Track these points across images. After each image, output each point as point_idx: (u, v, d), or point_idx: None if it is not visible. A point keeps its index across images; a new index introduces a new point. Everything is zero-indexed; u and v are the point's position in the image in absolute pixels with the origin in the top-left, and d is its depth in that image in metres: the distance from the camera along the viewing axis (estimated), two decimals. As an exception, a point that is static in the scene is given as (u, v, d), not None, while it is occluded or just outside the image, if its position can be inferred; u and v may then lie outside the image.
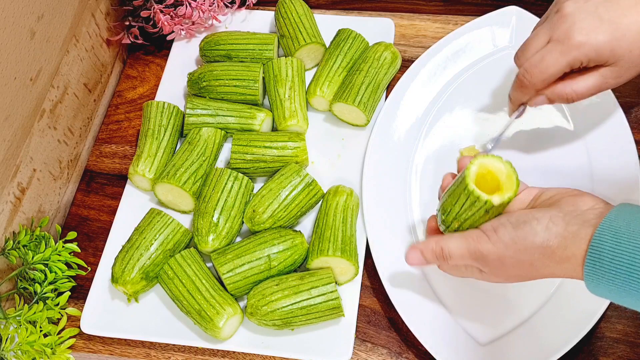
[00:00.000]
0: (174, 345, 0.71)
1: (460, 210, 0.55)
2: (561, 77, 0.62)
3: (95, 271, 0.75)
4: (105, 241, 0.77)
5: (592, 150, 0.75)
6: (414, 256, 0.59)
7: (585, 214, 0.50)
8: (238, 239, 0.75)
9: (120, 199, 0.80)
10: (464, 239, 0.55)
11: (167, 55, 0.91)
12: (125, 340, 0.72)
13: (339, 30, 0.86)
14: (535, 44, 0.62)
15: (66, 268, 0.72)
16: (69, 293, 0.72)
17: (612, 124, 0.75)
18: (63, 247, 0.72)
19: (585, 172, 0.74)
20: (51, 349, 0.68)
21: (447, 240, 0.56)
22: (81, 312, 0.72)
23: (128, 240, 0.72)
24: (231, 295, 0.69)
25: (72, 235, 0.75)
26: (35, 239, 0.72)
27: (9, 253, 0.69)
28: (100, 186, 0.83)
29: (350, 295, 0.71)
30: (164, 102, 0.81)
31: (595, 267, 0.47)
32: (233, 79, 0.81)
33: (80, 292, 0.75)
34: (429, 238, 0.59)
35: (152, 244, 0.71)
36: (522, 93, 0.65)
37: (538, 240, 0.50)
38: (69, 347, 0.70)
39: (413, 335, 0.66)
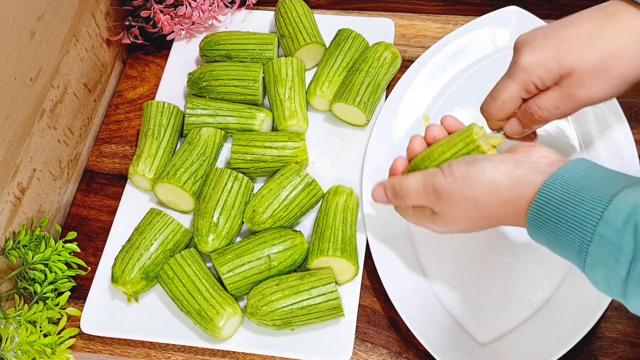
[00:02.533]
0: (174, 345, 0.71)
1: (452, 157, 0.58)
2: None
3: (95, 271, 0.75)
4: (105, 241, 0.77)
5: (592, 151, 0.75)
6: (378, 192, 0.62)
7: (536, 161, 0.51)
8: (238, 239, 0.75)
9: (120, 199, 0.80)
10: (421, 175, 0.57)
11: (167, 55, 0.91)
12: (125, 340, 0.72)
13: (339, 30, 0.86)
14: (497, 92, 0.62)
15: (66, 268, 0.71)
16: (69, 293, 0.72)
17: (612, 124, 0.75)
18: (63, 247, 0.72)
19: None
20: (51, 349, 0.68)
21: (406, 178, 0.58)
22: (81, 312, 0.72)
23: (128, 240, 0.72)
24: (231, 295, 0.69)
25: (72, 235, 0.75)
26: (35, 239, 0.72)
27: (9, 253, 0.69)
28: (100, 186, 0.83)
29: (350, 295, 0.71)
30: (164, 102, 0.81)
31: (539, 213, 0.48)
32: (233, 79, 0.81)
33: (80, 292, 0.75)
34: (392, 177, 0.62)
35: (152, 244, 0.71)
36: (489, 124, 0.63)
37: (485, 176, 0.52)
38: (69, 347, 0.70)
39: (413, 335, 0.66)
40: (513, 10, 0.83)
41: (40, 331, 0.68)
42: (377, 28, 0.88)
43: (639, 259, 0.42)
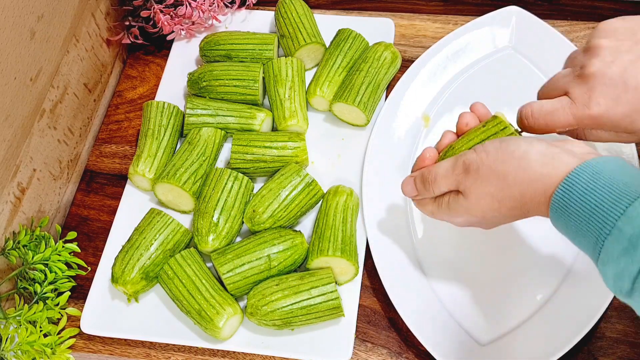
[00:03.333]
0: (174, 345, 0.71)
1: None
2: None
3: (95, 271, 0.75)
4: (105, 241, 0.77)
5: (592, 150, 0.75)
6: (408, 184, 0.61)
7: (572, 148, 0.51)
8: (238, 239, 0.75)
9: (120, 199, 0.80)
10: (453, 157, 0.56)
11: (167, 55, 0.91)
12: (125, 340, 0.72)
13: (339, 30, 0.86)
14: (555, 83, 0.59)
15: (66, 268, 0.71)
16: (69, 293, 0.72)
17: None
18: (63, 247, 0.72)
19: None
20: (51, 349, 0.68)
21: (437, 165, 0.58)
22: (81, 312, 0.72)
23: (128, 240, 0.72)
24: (231, 295, 0.69)
25: (72, 235, 0.75)
26: (35, 238, 0.72)
27: (9, 253, 0.69)
28: (100, 186, 0.83)
29: (350, 295, 0.71)
30: (164, 102, 0.81)
31: (564, 196, 0.48)
32: (233, 79, 0.81)
33: (80, 292, 0.75)
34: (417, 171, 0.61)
35: (152, 244, 0.71)
36: (522, 127, 0.61)
37: (519, 151, 0.51)
38: (69, 347, 0.70)
39: (413, 335, 0.66)
40: (513, 10, 0.83)
41: (40, 331, 0.68)
42: (377, 28, 0.88)
43: None
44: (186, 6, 0.87)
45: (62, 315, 0.71)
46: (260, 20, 0.92)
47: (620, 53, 0.54)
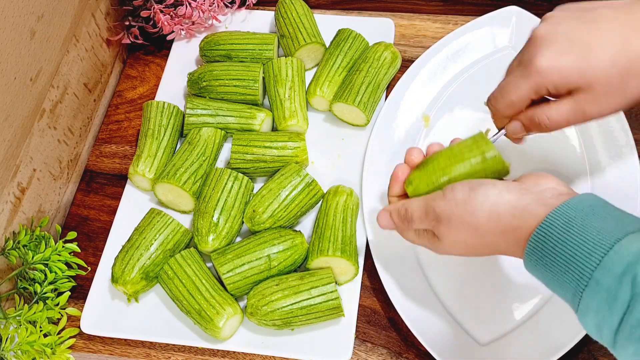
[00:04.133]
0: (174, 345, 0.71)
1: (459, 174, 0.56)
2: (537, 104, 0.58)
3: (95, 271, 0.75)
4: (105, 241, 0.77)
5: (592, 150, 0.75)
6: (383, 218, 0.60)
7: (544, 192, 0.50)
8: (238, 239, 0.75)
9: (120, 199, 0.80)
10: (424, 199, 0.55)
11: (167, 55, 0.91)
12: (125, 340, 0.72)
13: (339, 30, 0.86)
14: (509, 69, 0.59)
15: (66, 268, 0.71)
16: (69, 293, 0.72)
17: (612, 123, 0.75)
18: (63, 247, 0.72)
19: (585, 172, 0.74)
20: (51, 349, 0.68)
21: (411, 202, 0.57)
22: (81, 312, 0.72)
23: (128, 240, 0.72)
24: (231, 295, 0.69)
25: (72, 235, 0.75)
26: (35, 238, 0.72)
27: (9, 253, 0.69)
28: (100, 186, 0.83)
29: (350, 295, 0.71)
30: (164, 102, 0.81)
31: (537, 247, 0.47)
32: (233, 79, 0.81)
33: (80, 292, 0.75)
34: (397, 201, 0.59)
35: (152, 244, 0.71)
36: (494, 118, 0.62)
37: (487, 203, 0.50)
38: (69, 347, 0.70)
39: (413, 335, 0.66)
40: (513, 10, 0.83)
41: (40, 331, 0.68)
42: (377, 28, 0.88)
43: (633, 311, 0.40)
44: (186, 6, 0.87)
45: (62, 315, 0.71)
46: (260, 20, 0.92)
47: (565, 18, 0.54)
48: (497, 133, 0.61)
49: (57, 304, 0.70)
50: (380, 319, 0.71)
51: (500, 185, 0.51)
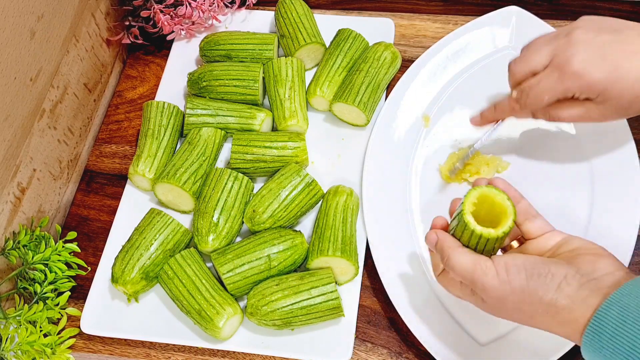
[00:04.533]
0: (174, 345, 0.71)
1: (465, 239, 0.54)
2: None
3: (95, 271, 0.75)
4: (105, 241, 0.77)
5: (592, 150, 0.75)
6: (431, 238, 0.56)
7: (601, 279, 0.48)
8: (238, 239, 0.75)
9: (120, 199, 0.80)
10: (473, 263, 0.52)
11: (167, 55, 0.91)
12: (125, 340, 0.72)
13: (339, 30, 0.86)
14: (537, 59, 0.62)
15: (66, 268, 0.71)
16: (69, 293, 0.72)
17: (612, 123, 0.75)
18: (63, 247, 0.72)
19: (585, 172, 0.74)
20: (51, 349, 0.68)
21: (457, 254, 0.53)
22: (81, 312, 0.72)
23: (128, 240, 0.72)
24: (231, 295, 0.69)
25: (72, 235, 0.75)
26: (35, 238, 0.72)
27: (9, 253, 0.69)
28: (100, 186, 0.83)
29: (350, 295, 0.71)
30: (164, 102, 0.81)
31: (594, 339, 0.46)
32: (233, 79, 0.81)
33: (80, 292, 0.75)
34: (446, 235, 0.56)
35: (152, 244, 0.71)
36: (516, 111, 0.65)
37: (547, 297, 0.49)
38: (69, 347, 0.70)
39: (413, 335, 0.66)
40: (513, 10, 0.83)
41: (40, 331, 0.68)
42: (377, 28, 0.88)
43: None
44: (186, 6, 0.87)
45: (62, 315, 0.71)
46: (260, 20, 0.92)
47: (600, 32, 0.59)
48: (496, 124, 0.68)
49: (57, 304, 0.70)
50: (380, 319, 0.71)
51: (558, 275, 0.49)
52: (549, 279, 0.49)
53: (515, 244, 0.59)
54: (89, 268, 0.75)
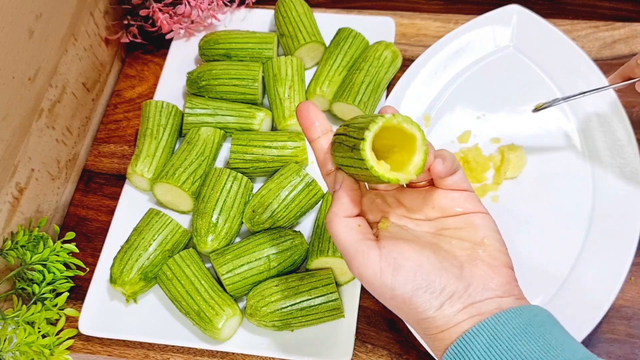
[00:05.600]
0: (172, 346, 0.71)
1: (352, 171, 0.45)
2: None
3: (93, 272, 0.74)
4: (103, 241, 0.76)
5: (594, 150, 0.74)
6: (337, 178, 0.47)
7: (484, 304, 0.43)
8: (237, 240, 0.74)
9: (118, 199, 0.79)
10: (354, 248, 0.45)
11: (166, 54, 0.91)
12: (124, 341, 0.71)
13: (339, 29, 0.85)
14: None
15: (64, 268, 0.71)
16: (67, 294, 0.72)
17: (613, 123, 0.74)
18: (61, 247, 0.72)
19: (586, 171, 0.73)
20: (49, 349, 0.67)
21: (340, 226, 0.46)
22: (79, 312, 0.72)
23: (127, 241, 0.72)
24: (230, 296, 0.69)
25: (70, 235, 0.75)
26: (34, 239, 0.72)
27: (7, 253, 0.69)
28: (99, 186, 0.83)
29: (351, 296, 0.70)
30: (162, 102, 0.80)
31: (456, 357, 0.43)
32: (232, 78, 0.81)
33: (78, 293, 0.75)
34: (348, 188, 0.47)
35: (151, 244, 0.70)
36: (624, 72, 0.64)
37: (425, 315, 0.44)
38: (67, 348, 0.70)
39: (413, 336, 0.66)
40: (514, 9, 0.82)
41: (39, 332, 0.68)
42: (377, 27, 0.87)
43: None
44: (185, 5, 0.87)
45: (60, 316, 0.71)
46: (260, 19, 0.92)
47: None
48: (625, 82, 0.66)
49: (56, 305, 0.70)
50: (380, 320, 0.71)
51: (446, 292, 0.43)
52: (435, 296, 0.43)
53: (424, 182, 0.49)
54: (88, 269, 0.75)
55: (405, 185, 0.50)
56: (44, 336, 0.69)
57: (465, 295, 0.44)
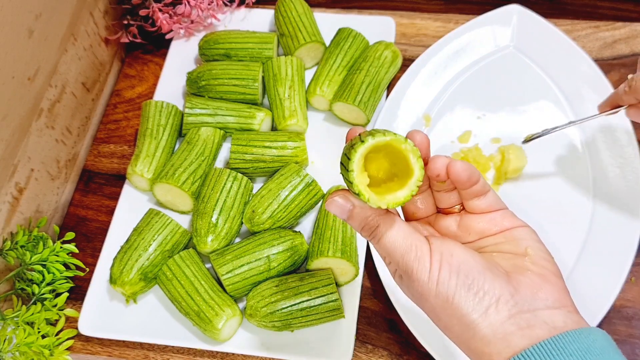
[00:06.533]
0: (172, 346, 0.71)
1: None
2: None
3: (93, 272, 0.74)
4: (103, 242, 0.76)
5: (594, 150, 0.74)
6: (343, 206, 0.45)
7: (535, 315, 0.41)
8: (237, 240, 0.74)
9: (118, 199, 0.79)
10: (409, 244, 0.43)
11: (166, 54, 0.91)
12: (124, 341, 0.71)
13: (339, 29, 0.85)
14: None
15: (64, 269, 0.71)
16: (67, 294, 0.72)
17: (614, 123, 0.74)
18: (61, 247, 0.72)
19: (586, 171, 0.73)
20: (49, 350, 0.67)
21: (389, 226, 0.44)
22: (79, 313, 0.71)
23: (126, 241, 0.72)
24: (230, 296, 0.69)
25: (70, 235, 0.75)
26: (33, 239, 0.71)
27: (6, 254, 0.69)
28: (99, 186, 0.83)
29: (351, 296, 0.70)
30: (162, 102, 0.80)
31: None
32: (232, 78, 0.81)
33: (78, 293, 0.75)
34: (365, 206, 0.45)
35: (151, 244, 0.70)
36: (627, 96, 0.63)
37: (469, 318, 0.41)
38: (67, 349, 0.70)
39: (414, 337, 0.66)
40: (514, 8, 0.82)
41: (38, 332, 0.67)
42: (377, 27, 0.87)
43: None
44: (185, 5, 0.87)
45: (60, 317, 0.70)
46: (260, 19, 0.92)
47: None
48: (614, 109, 0.65)
49: (55, 305, 0.70)
50: (380, 320, 0.70)
51: (490, 296, 0.41)
52: (479, 298, 0.41)
53: (457, 208, 0.48)
54: (87, 269, 0.75)
55: (437, 210, 0.49)
56: (43, 337, 0.69)
57: (512, 301, 0.41)
